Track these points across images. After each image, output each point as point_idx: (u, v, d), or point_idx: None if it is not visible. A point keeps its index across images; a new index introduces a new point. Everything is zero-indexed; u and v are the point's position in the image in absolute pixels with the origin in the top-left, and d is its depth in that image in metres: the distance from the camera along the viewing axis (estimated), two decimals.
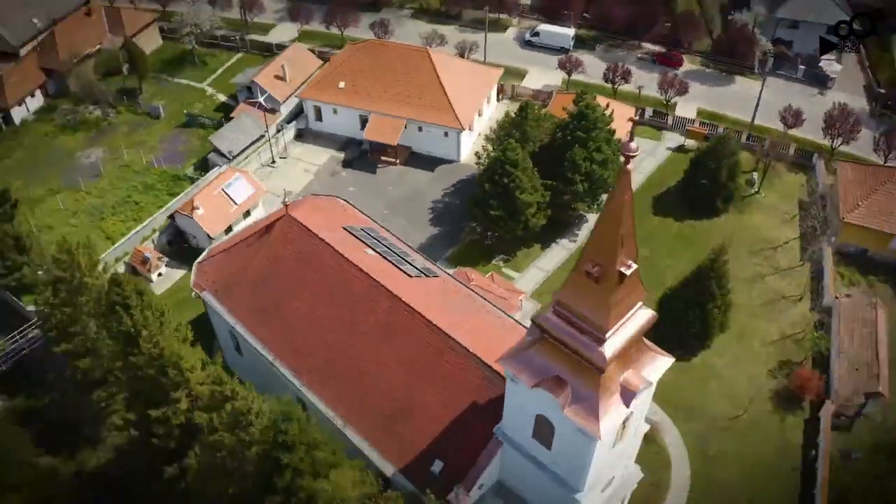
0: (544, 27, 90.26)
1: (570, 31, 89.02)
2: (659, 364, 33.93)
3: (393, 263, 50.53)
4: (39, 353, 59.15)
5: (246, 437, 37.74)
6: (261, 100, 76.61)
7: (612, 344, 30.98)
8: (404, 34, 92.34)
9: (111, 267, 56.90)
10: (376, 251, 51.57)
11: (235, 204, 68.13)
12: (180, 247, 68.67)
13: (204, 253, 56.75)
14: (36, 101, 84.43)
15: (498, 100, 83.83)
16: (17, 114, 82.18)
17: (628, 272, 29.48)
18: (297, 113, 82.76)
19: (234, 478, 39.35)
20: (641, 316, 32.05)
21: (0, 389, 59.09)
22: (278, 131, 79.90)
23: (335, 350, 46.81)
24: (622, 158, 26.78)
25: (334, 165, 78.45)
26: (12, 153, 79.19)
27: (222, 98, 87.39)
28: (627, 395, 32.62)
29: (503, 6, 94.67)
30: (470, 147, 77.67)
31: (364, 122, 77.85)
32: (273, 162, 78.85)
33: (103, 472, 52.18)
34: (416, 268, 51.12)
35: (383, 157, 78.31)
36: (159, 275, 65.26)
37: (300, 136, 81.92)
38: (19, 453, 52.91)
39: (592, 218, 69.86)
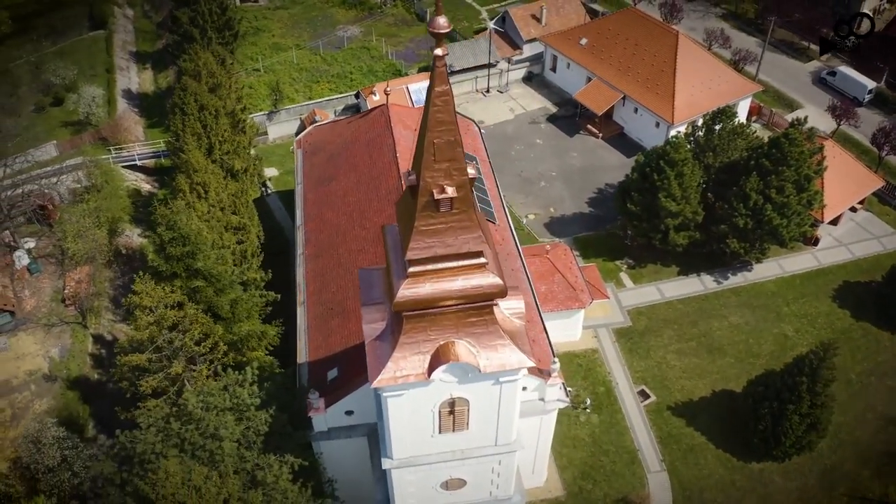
0: (843, 69, 74.84)
1: (870, 84, 72.61)
2: (503, 357, 27.16)
3: None
4: None
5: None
6: (490, 25, 75.32)
7: (418, 285, 25.47)
8: (693, 24, 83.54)
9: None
10: None
11: (412, 104, 68.59)
12: None
13: (325, 121, 58.38)
14: None
15: (749, 119, 72.27)
16: None
17: (439, 196, 23.67)
18: (540, 58, 79.95)
19: None
20: (480, 278, 25.73)
21: (156, 178, 67.84)
22: (509, 64, 78.16)
23: (339, 234, 45.62)
24: (432, 38, 21.31)
25: (539, 116, 74.93)
26: (293, 7, 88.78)
27: (490, 24, 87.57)
28: (434, 363, 26.81)
29: (816, 36, 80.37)
30: None
31: None
32: (487, 91, 77.70)
33: None
34: (478, 204, 47.15)
35: (589, 126, 72.78)
36: None
37: (529, 78, 79.37)
38: None
39: (757, 268, 57.95)
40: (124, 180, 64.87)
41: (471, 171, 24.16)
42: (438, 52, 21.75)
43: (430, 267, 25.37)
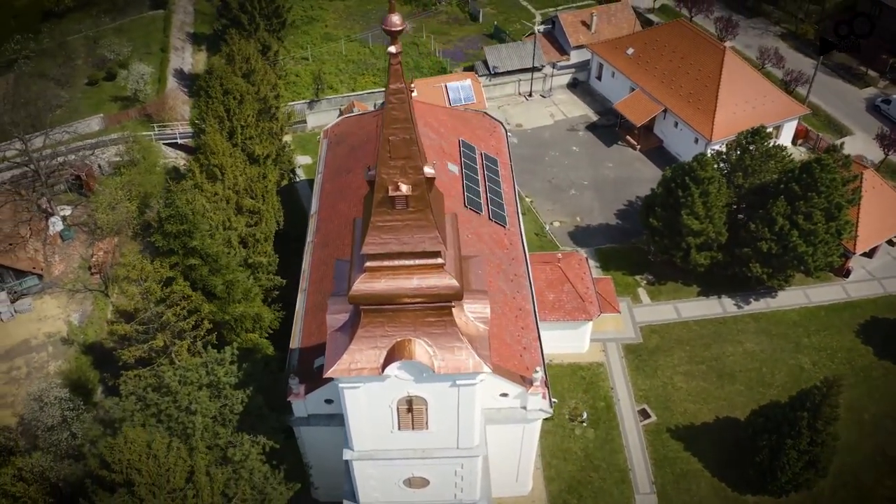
0: None
1: None
2: (459, 360, 27.16)
3: (463, 188, 47.30)
4: None
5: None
6: (537, 29, 74.84)
7: (374, 280, 25.64)
8: (749, 41, 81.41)
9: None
10: (466, 171, 48.71)
11: (449, 102, 68.85)
12: None
13: (357, 112, 58.99)
14: None
15: (794, 142, 70.03)
16: None
17: (393, 193, 23.80)
18: (586, 65, 79.07)
19: None
20: (437, 279, 25.73)
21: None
22: (553, 69, 77.62)
23: (347, 225, 45.82)
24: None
25: (579, 123, 74.21)
26: (347, 1, 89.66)
27: (542, 28, 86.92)
28: (389, 358, 26.98)
29: (875, 62, 77.13)
30: None
31: None
32: (529, 95, 77.31)
33: None
34: (490, 207, 47.26)
35: (628, 137, 71.71)
36: None
37: (574, 85, 78.67)
38: None
39: (781, 295, 56.16)
40: (163, 157, 66.84)
41: (428, 170, 24.21)
42: (392, 49, 21.83)
43: (386, 263, 25.55)
